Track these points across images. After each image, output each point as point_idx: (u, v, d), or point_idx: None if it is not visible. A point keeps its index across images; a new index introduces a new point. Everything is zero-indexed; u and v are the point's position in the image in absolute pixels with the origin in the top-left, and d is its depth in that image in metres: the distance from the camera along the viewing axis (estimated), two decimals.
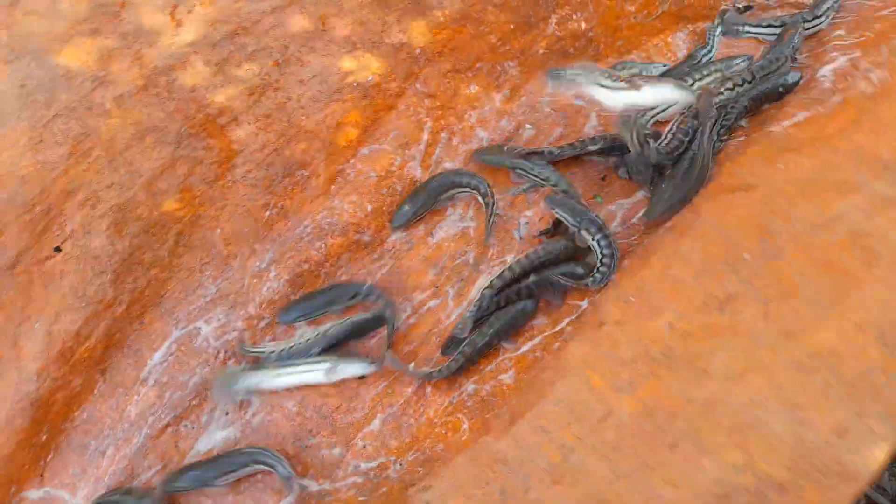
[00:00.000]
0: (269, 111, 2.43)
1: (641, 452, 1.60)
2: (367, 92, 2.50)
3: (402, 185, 2.42)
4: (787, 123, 2.21)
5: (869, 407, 1.54)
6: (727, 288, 1.80)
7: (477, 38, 2.62)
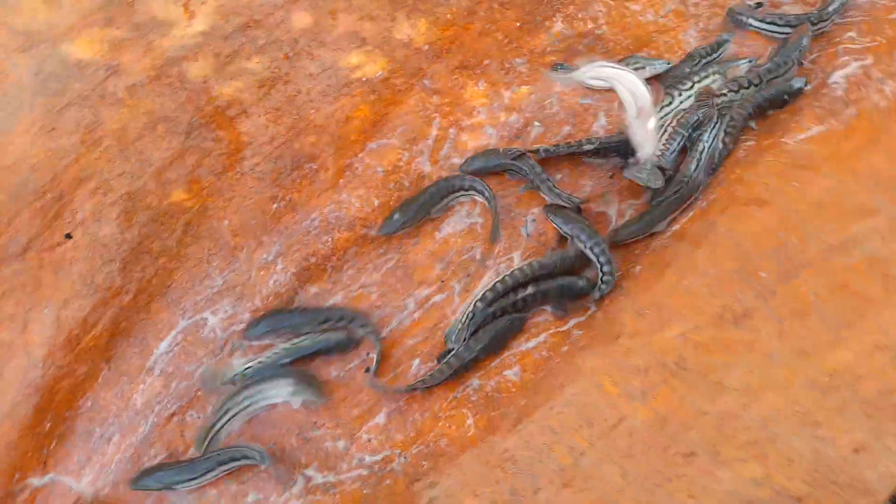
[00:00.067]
0: (278, 104, 2.44)
1: (654, 461, 1.59)
2: (375, 87, 2.51)
3: (409, 180, 2.42)
4: (801, 137, 2.21)
5: (887, 426, 1.54)
6: (743, 303, 1.80)
7: (484, 35, 2.63)
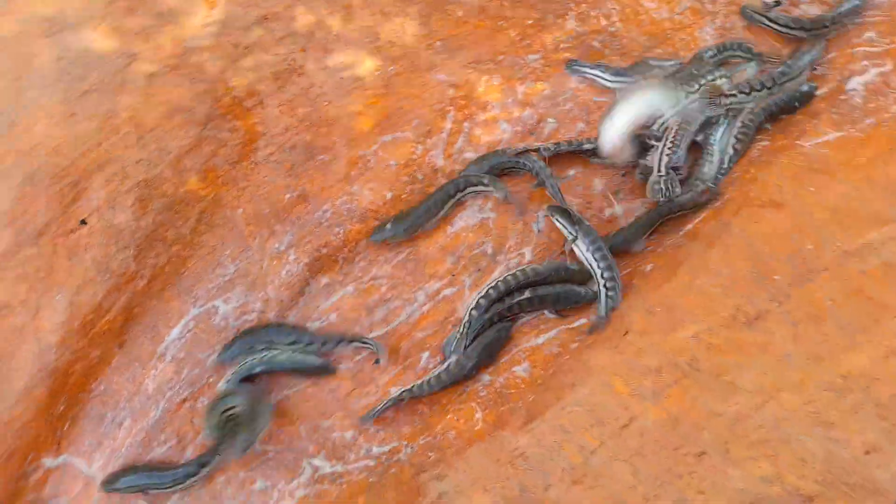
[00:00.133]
0: (293, 96, 2.46)
1: (666, 460, 1.59)
2: (389, 81, 2.52)
3: (422, 173, 2.43)
4: (816, 141, 2.20)
5: None
6: (756, 305, 1.79)
7: (497, 31, 2.64)
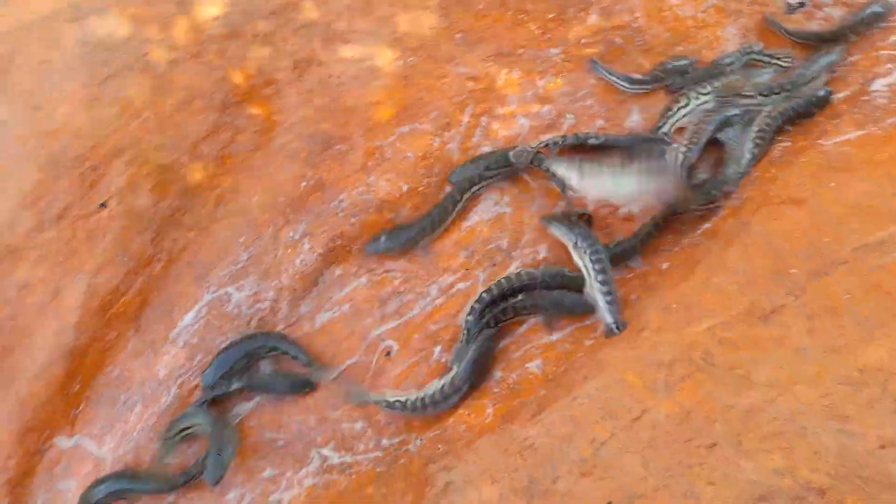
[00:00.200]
0: (311, 86, 2.46)
1: (677, 452, 1.55)
2: (408, 72, 2.51)
3: (439, 166, 2.42)
4: (837, 140, 2.16)
5: None
6: (773, 300, 1.75)
7: (517, 25, 2.62)
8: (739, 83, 2.40)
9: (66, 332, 2.10)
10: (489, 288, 2.13)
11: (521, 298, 2.10)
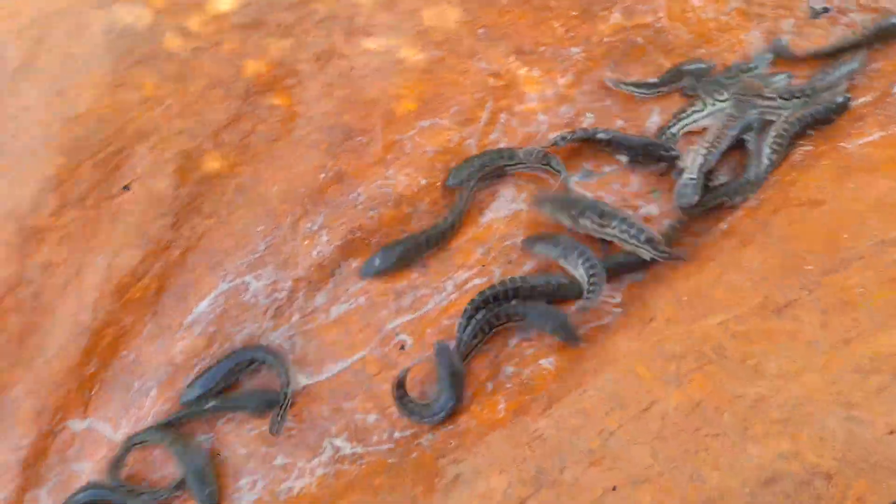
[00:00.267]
0: (333, 78, 2.48)
1: (685, 442, 1.56)
2: (429, 67, 2.52)
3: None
4: (860, 142, 2.15)
5: None
6: (787, 295, 1.75)
7: (540, 22, 2.63)
8: (759, 84, 2.40)
9: (84, 312, 2.12)
10: (482, 291, 2.12)
11: (513, 304, 2.09)
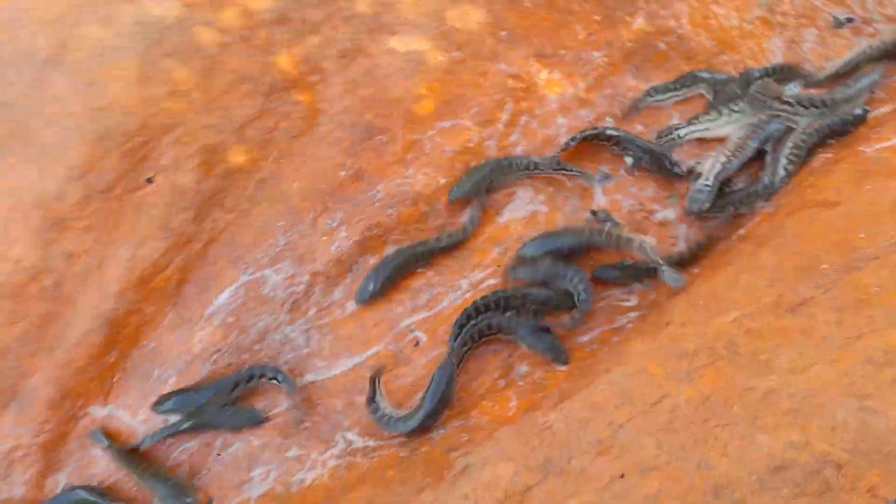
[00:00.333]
0: (356, 76, 2.49)
1: (694, 432, 1.57)
2: (452, 67, 2.53)
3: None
4: (878, 147, 2.17)
5: None
6: (801, 293, 1.76)
7: (562, 25, 2.63)
8: (777, 87, 2.41)
9: (106, 302, 2.15)
10: (474, 303, 2.14)
11: (506, 317, 2.10)
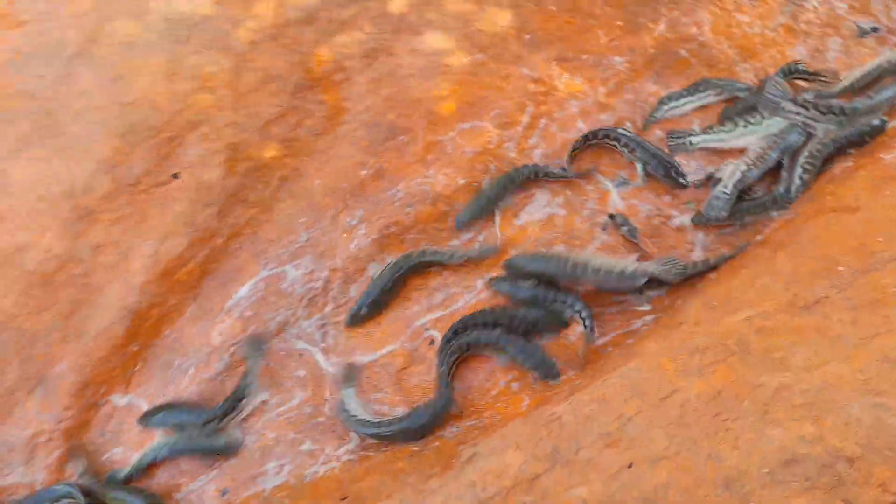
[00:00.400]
0: (380, 75, 2.52)
1: (705, 425, 1.56)
2: (474, 69, 2.55)
3: (496, 163, 2.45)
4: None
5: None
6: (816, 293, 1.75)
7: (585, 30, 2.64)
8: (790, 89, 2.40)
9: (131, 293, 2.19)
10: (462, 318, 2.15)
11: (496, 333, 2.11)
